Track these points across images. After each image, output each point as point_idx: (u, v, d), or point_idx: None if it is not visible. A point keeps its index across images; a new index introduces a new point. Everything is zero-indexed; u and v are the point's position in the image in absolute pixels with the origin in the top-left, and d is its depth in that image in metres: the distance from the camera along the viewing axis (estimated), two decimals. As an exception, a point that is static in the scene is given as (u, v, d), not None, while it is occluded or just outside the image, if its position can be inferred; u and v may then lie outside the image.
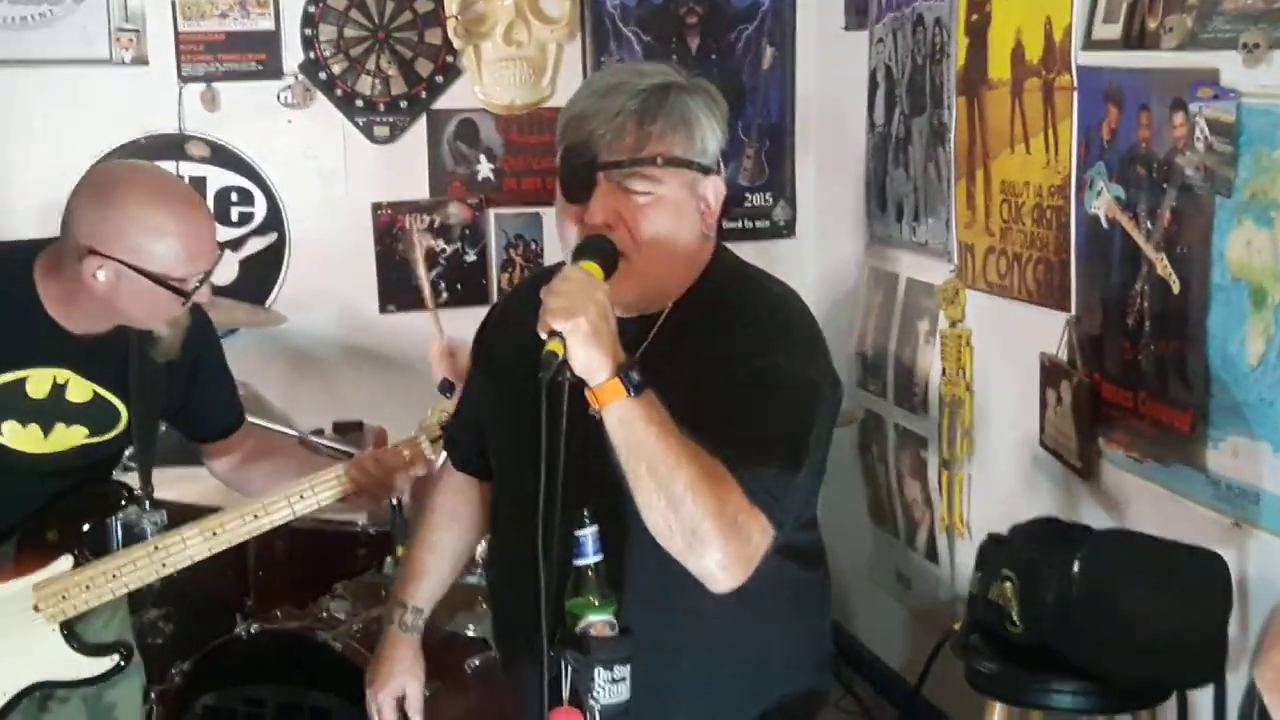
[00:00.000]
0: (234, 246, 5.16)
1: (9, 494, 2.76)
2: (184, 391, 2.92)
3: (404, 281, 5.28)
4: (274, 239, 5.21)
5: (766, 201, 5.60)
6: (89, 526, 2.83)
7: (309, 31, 5.14)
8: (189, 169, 5.06)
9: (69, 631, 2.80)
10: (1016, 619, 3.13)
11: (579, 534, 2.08)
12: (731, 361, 2.21)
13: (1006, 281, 4.05)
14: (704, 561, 2.07)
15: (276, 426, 4.10)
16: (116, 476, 2.97)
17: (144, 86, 5.01)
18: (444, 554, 2.72)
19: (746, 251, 2.47)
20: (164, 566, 2.77)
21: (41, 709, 2.91)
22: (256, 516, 2.76)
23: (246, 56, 5.10)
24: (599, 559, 2.09)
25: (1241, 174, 3.02)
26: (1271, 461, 3.02)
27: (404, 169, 5.30)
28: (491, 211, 5.39)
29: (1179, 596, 3.02)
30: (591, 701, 2.10)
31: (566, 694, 2.12)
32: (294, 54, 5.15)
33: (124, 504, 2.87)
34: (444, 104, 5.31)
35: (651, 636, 2.20)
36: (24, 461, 2.75)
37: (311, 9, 5.12)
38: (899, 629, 4.96)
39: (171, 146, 5.02)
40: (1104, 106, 3.52)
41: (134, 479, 2.94)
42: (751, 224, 5.58)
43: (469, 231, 5.36)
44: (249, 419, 3.22)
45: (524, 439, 2.12)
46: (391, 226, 5.30)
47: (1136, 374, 3.45)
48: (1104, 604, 2.98)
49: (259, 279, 5.19)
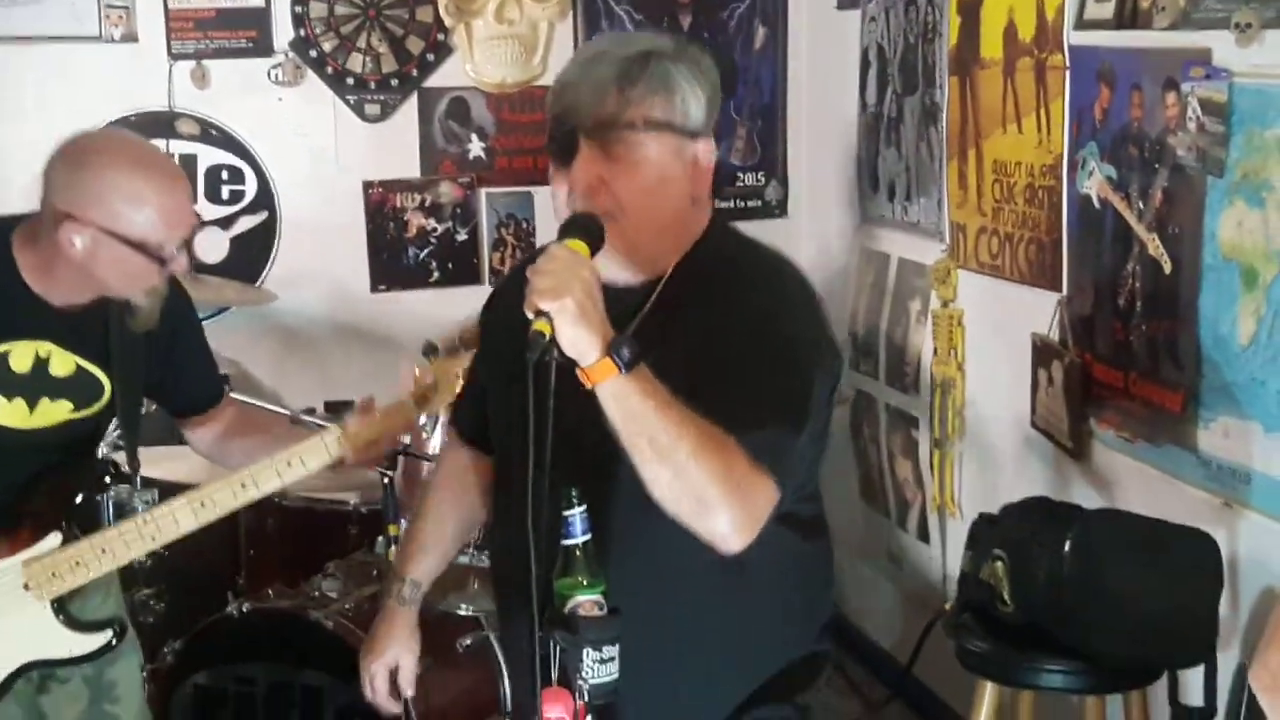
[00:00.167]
0: (224, 225, 5.15)
1: None
2: (163, 363, 2.91)
3: (395, 260, 5.28)
4: (265, 217, 5.20)
5: (758, 181, 5.59)
6: (77, 502, 2.83)
7: (299, 9, 5.13)
8: (179, 147, 5.05)
9: (61, 609, 2.79)
10: (1007, 598, 3.13)
11: (567, 514, 2.07)
12: (729, 326, 2.20)
13: (998, 261, 4.05)
14: (713, 525, 2.07)
15: (267, 406, 4.09)
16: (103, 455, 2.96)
17: (134, 64, 4.99)
18: (444, 529, 2.72)
19: (737, 231, 2.47)
20: (153, 540, 2.75)
21: (41, 690, 2.91)
22: (245, 486, 2.72)
23: (237, 34, 5.08)
24: (587, 539, 2.08)
25: (1233, 154, 3.02)
26: (1262, 442, 3.02)
27: (395, 147, 5.29)
28: (483, 190, 5.38)
29: (1170, 576, 3.03)
30: (580, 681, 2.09)
31: (555, 674, 2.12)
32: (284, 31, 5.13)
33: (111, 479, 2.86)
34: (435, 82, 5.30)
35: (651, 610, 2.21)
36: (9, 437, 2.74)
37: (302, -14, 5.12)
38: (890, 608, 4.97)
39: (162, 124, 5.01)
40: (1096, 86, 3.51)
41: (123, 461, 2.93)
42: (743, 203, 5.57)
43: (460, 210, 5.35)
44: (240, 397, 3.21)
45: (517, 419, 2.12)
46: (383, 205, 5.29)
47: (1128, 354, 3.45)
48: (1095, 583, 2.98)
49: (250, 257, 5.18)
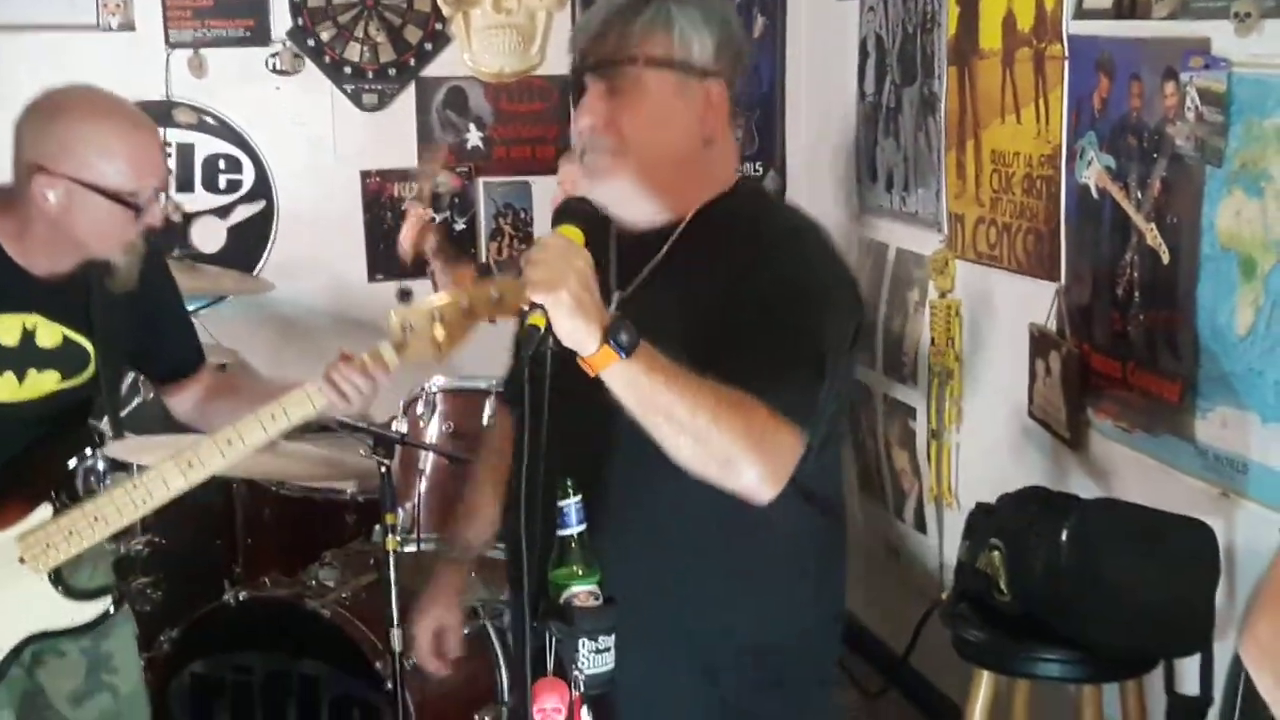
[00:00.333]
0: (222, 214, 5.15)
1: None
2: (146, 330, 2.91)
3: (392, 250, 5.27)
4: (262, 206, 5.20)
5: (756, 171, 5.58)
6: (67, 473, 2.82)
7: (297, -2, 5.13)
8: (176, 136, 5.05)
9: (58, 579, 2.79)
10: (1004, 588, 3.14)
11: (562, 504, 2.07)
12: (745, 277, 2.19)
13: (996, 251, 4.05)
14: (742, 481, 2.08)
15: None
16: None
17: (131, 52, 4.99)
18: (489, 494, 2.71)
19: (736, 220, 2.47)
20: (144, 503, 2.73)
21: (39, 664, 2.91)
22: (230, 443, 2.70)
23: (234, 22, 5.08)
24: (582, 529, 2.08)
25: (1232, 144, 3.02)
26: (1260, 432, 3.02)
27: (393, 137, 5.29)
28: (480, 180, 5.38)
29: (1167, 566, 3.03)
30: (576, 672, 2.09)
31: (551, 665, 2.12)
32: (282, 20, 5.13)
33: (98, 447, 2.86)
34: (433, 71, 5.30)
35: (660, 584, 2.23)
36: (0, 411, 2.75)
37: (300, -25, 5.11)
38: (887, 598, 4.97)
39: (159, 113, 5.00)
40: (1095, 76, 3.51)
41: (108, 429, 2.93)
42: (741, 193, 5.56)
43: (458, 200, 5.35)
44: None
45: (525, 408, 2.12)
46: (380, 195, 5.29)
47: (1125, 344, 3.45)
48: (1091, 573, 2.98)
49: (247, 246, 5.18)
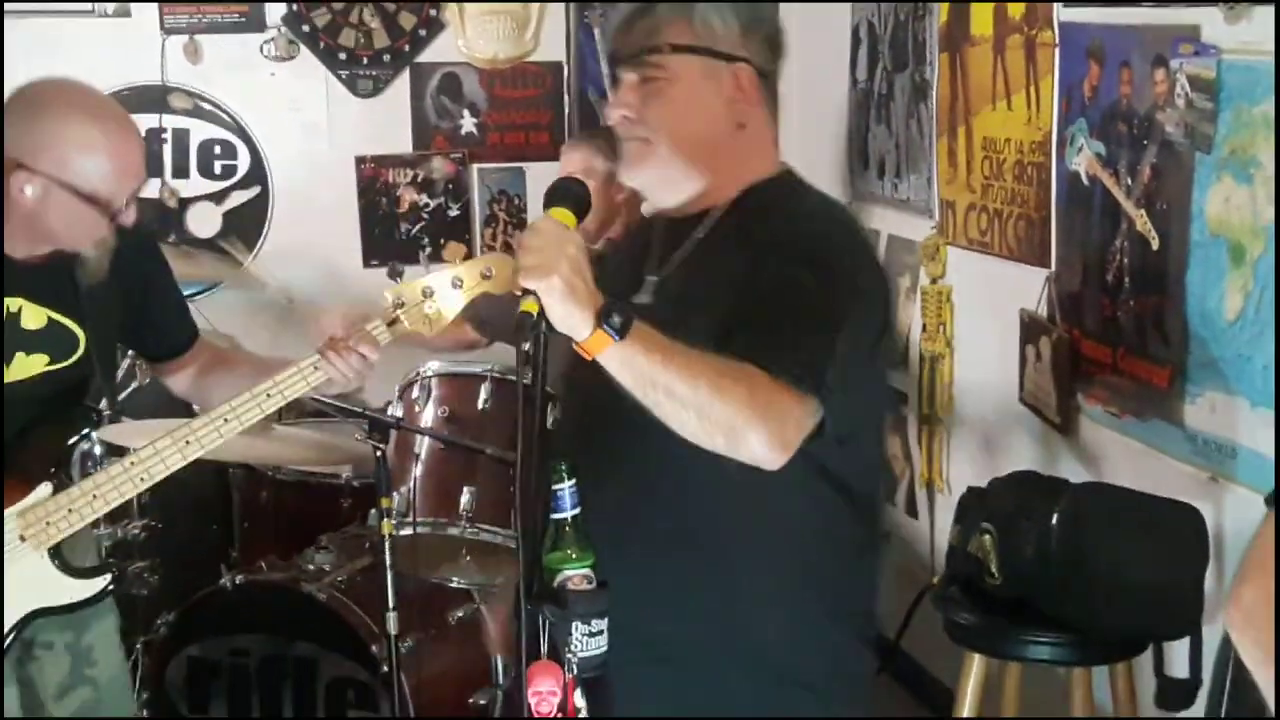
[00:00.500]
0: (217, 199, 5.16)
1: None
2: (137, 311, 2.93)
3: (387, 235, 5.29)
4: (257, 192, 5.21)
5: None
6: (65, 453, 2.84)
7: (292, -16, 5.13)
8: (171, 121, 5.06)
9: (57, 556, 2.81)
10: (995, 571, 3.15)
11: (556, 488, 2.08)
12: (770, 261, 2.21)
13: (987, 238, 4.06)
14: (748, 449, 2.08)
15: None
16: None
17: (126, 38, 5.00)
18: None
19: (729, 207, 2.48)
20: (142, 481, 2.74)
21: (31, 658, 2.92)
22: (226, 420, 2.71)
23: (229, 9, 5.09)
24: (576, 513, 2.09)
25: (1221, 130, 3.03)
26: (1248, 416, 3.04)
27: (387, 123, 5.30)
28: (475, 166, 5.39)
29: (1156, 549, 3.04)
30: (569, 655, 2.10)
31: (545, 648, 2.13)
32: (277, 6, 5.13)
33: (95, 426, 2.88)
34: (427, 57, 5.31)
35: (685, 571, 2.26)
36: None
37: (294, -39, 5.11)
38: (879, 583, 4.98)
39: (154, 99, 5.01)
40: (1085, 63, 3.52)
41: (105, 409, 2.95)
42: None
43: (452, 186, 5.35)
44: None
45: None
46: (375, 180, 5.30)
47: (1115, 330, 3.47)
48: (1082, 556, 3.00)
49: (242, 232, 5.19)
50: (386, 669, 3.35)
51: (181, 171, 5.15)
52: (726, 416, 2.05)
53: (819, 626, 2.38)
